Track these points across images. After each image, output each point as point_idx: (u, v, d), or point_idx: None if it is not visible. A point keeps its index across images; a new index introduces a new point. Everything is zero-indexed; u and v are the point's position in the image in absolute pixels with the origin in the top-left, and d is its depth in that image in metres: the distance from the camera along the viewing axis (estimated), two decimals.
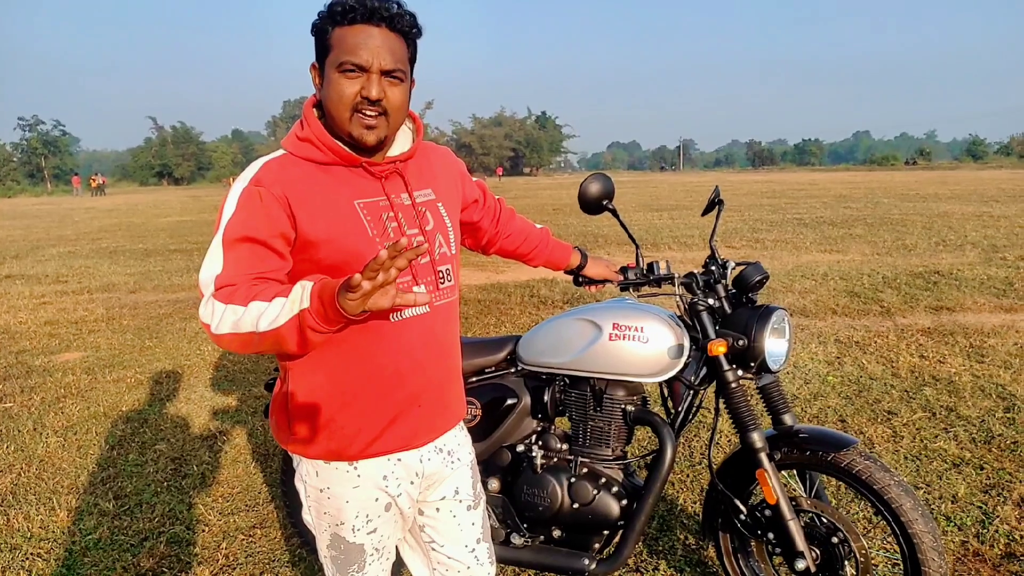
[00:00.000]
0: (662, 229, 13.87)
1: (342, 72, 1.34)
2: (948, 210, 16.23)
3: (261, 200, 1.34)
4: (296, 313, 1.20)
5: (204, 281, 1.32)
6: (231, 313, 1.25)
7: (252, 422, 4.24)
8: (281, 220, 1.35)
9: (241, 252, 1.32)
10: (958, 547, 2.69)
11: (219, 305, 1.27)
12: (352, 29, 1.33)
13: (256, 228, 1.33)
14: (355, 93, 1.35)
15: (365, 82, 1.34)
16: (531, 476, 2.27)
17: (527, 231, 2.06)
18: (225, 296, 1.28)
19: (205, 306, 1.30)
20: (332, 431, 1.48)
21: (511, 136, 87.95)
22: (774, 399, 2.15)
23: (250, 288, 1.28)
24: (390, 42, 1.35)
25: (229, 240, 1.33)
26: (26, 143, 79.78)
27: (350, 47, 1.33)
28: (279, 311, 1.21)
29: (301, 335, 1.21)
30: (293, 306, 1.20)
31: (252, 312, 1.24)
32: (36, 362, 5.78)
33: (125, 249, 13.81)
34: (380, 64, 1.34)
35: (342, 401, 1.47)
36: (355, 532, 1.53)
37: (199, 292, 1.34)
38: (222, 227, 1.35)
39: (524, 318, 6.64)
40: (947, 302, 6.63)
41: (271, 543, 2.91)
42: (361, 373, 1.45)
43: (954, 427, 3.77)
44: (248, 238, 1.33)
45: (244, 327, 1.24)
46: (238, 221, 1.34)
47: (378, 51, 1.33)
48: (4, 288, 9.54)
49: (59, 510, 3.23)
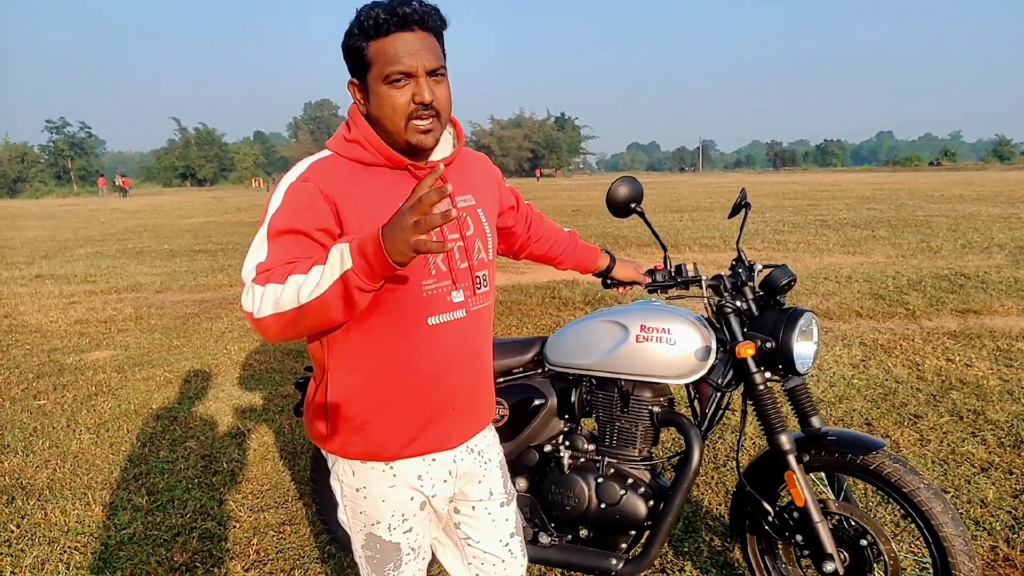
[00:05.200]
0: (683, 231, 13.82)
1: (390, 83, 1.35)
2: (974, 211, 16.00)
3: (308, 195, 1.36)
4: (339, 276, 1.21)
5: (246, 271, 1.34)
6: (270, 293, 1.26)
7: (279, 420, 4.30)
8: (327, 216, 1.36)
9: (284, 242, 1.34)
10: (987, 552, 2.68)
11: (258, 288, 1.28)
12: (389, 39, 1.34)
13: (301, 220, 1.35)
14: (408, 101, 1.36)
15: (415, 88, 1.36)
16: (559, 476, 2.30)
17: (556, 235, 2.08)
18: (263, 279, 1.29)
19: (247, 294, 1.30)
20: (369, 432, 1.50)
21: (530, 137, 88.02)
22: (802, 402, 2.15)
23: (285, 267, 1.29)
24: (427, 42, 1.36)
25: (274, 232, 1.34)
26: (53, 145, 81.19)
27: (392, 57, 1.34)
28: (319, 278, 1.22)
29: (347, 298, 1.22)
30: (334, 270, 1.22)
31: (291, 287, 1.24)
32: (67, 360, 5.90)
33: (151, 250, 14.03)
34: (425, 66, 1.35)
35: (379, 403, 1.49)
36: (391, 531, 1.56)
37: (241, 284, 1.35)
38: (267, 221, 1.36)
39: (545, 319, 6.66)
40: (974, 305, 6.55)
41: (301, 540, 2.97)
42: (398, 376, 1.48)
43: (982, 431, 3.74)
44: (292, 230, 1.34)
45: (286, 304, 1.24)
46: (283, 214, 1.36)
47: (420, 54, 1.35)
48: (35, 288, 9.74)
49: (94, 505, 3.31)
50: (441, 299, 1.46)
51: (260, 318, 1.28)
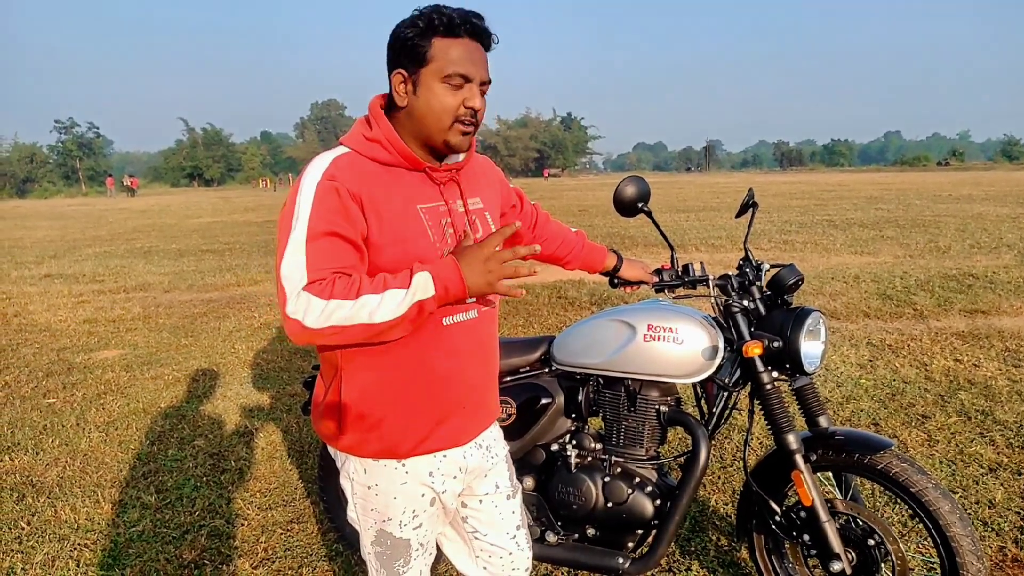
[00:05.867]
0: (689, 230, 13.79)
1: (447, 83, 1.40)
2: (982, 212, 15.92)
3: (339, 196, 1.36)
4: (417, 301, 1.30)
5: (288, 276, 1.33)
6: (336, 308, 1.28)
7: (287, 419, 4.32)
8: (359, 217, 1.38)
9: (324, 246, 1.34)
10: (996, 553, 2.67)
11: (316, 300, 1.29)
12: (457, 42, 1.40)
13: (338, 223, 1.36)
14: (459, 104, 1.41)
15: (467, 94, 1.42)
16: (565, 475, 2.30)
17: (563, 235, 2.09)
18: (319, 290, 1.29)
19: (296, 301, 1.30)
20: (383, 431, 1.52)
21: (536, 137, 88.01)
22: (809, 401, 2.15)
23: (347, 282, 1.31)
24: (484, 56, 1.45)
25: (313, 234, 1.34)
26: (62, 145, 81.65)
27: (457, 59, 1.39)
28: (399, 300, 1.30)
29: (416, 320, 1.33)
30: (415, 295, 1.30)
31: (365, 306, 1.29)
32: (77, 359, 5.94)
33: (159, 249, 14.09)
34: (482, 76, 1.43)
35: (393, 402, 1.51)
36: (402, 527, 1.58)
37: (280, 287, 1.34)
38: (303, 222, 1.35)
39: (552, 319, 6.66)
40: (982, 305, 6.52)
41: (309, 538, 2.98)
42: (413, 375, 1.50)
43: (990, 431, 3.73)
44: (331, 232, 1.35)
45: (357, 319, 1.29)
46: (319, 216, 1.35)
47: (481, 64, 1.43)
48: (44, 287, 9.80)
49: (103, 503, 3.33)
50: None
51: (312, 327, 1.30)
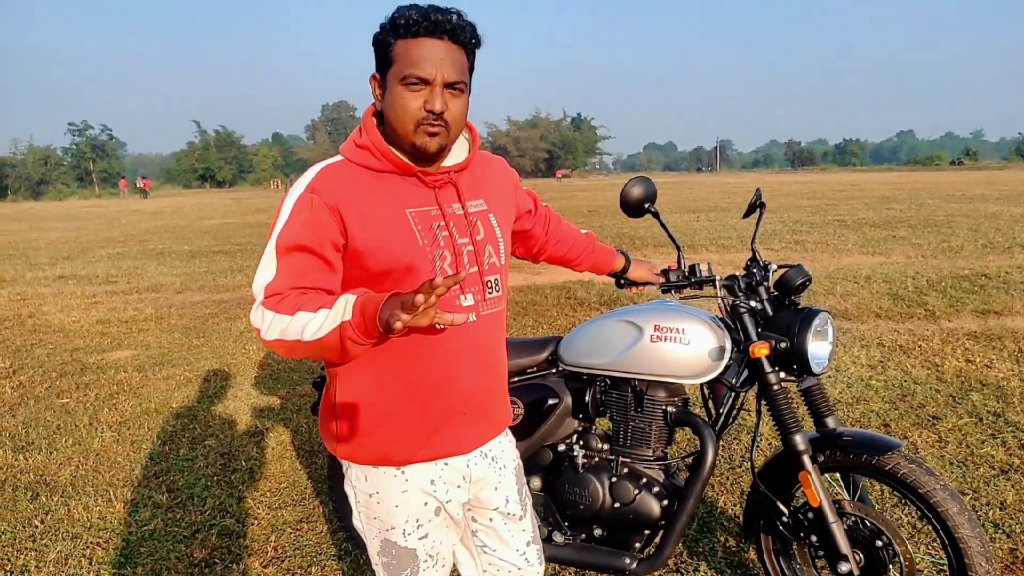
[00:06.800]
0: (699, 231, 13.76)
1: (406, 85, 1.36)
2: (996, 211, 15.79)
3: (312, 208, 1.38)
4: (338, 325, 1.25)
5: (256, 288, 1.39)
6: (279, 321, 1.31)
7: (297, 419, 4.35)
8: (331, 228, 1.38)
9: (293, 260, 1.37)
10: (1007, 555, 2.65)
11: (268, 313, 1.33)
12: (416, 42, 1.34)
13: (307, 237, 1.37)
14: (419, 107, 1.36)
15: (428, 95, 1.36)
16: (572, 475, 2.31)
17: (574, 237, 2.08)
18: (273, 304, 1.34)
19: (256, 312, 1.36)
20: (378, 437, 1.51)
21: (546, 138, 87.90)
22: (817, 402, 2.15)
23: (297, 297, 1.33)
24: (452, 54, 1.37)
25: (282, 248, 1.38)
26: (75, 147, 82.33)
27: (414, 60, 1.34)
28: (322, 322, 1.27)
29: (341, 346, 1.27)
30: (336, 318, 1.26)
31: (298, 322, 1.29)
32: (90, 360, 6.00)
33: (171, 251, 14.19)
34: (443, 77, 1.35)
35: (388, 406, 1.49)
36: (406, 537, 1.54)
37: (253, 297, 1.41)
38: (275, 235, 1.40)
39: (561, 319, 6.67)
40: (995, 306, 6.47)
41: (318, 537, 3.00)
42: (407, 379, 1.48)
43: (1002, 433, 3.70)
44: (300, 247, 1.37)
45: (290, 335, 1.30)
46: (290, 230, 1.38)
47: (441, 64, 1.35)
48: (58, 288, 9.89)
49: (115, 502, 3.37)
50: (449, 303, 1.46)
51: (267, 340, 1.35)
